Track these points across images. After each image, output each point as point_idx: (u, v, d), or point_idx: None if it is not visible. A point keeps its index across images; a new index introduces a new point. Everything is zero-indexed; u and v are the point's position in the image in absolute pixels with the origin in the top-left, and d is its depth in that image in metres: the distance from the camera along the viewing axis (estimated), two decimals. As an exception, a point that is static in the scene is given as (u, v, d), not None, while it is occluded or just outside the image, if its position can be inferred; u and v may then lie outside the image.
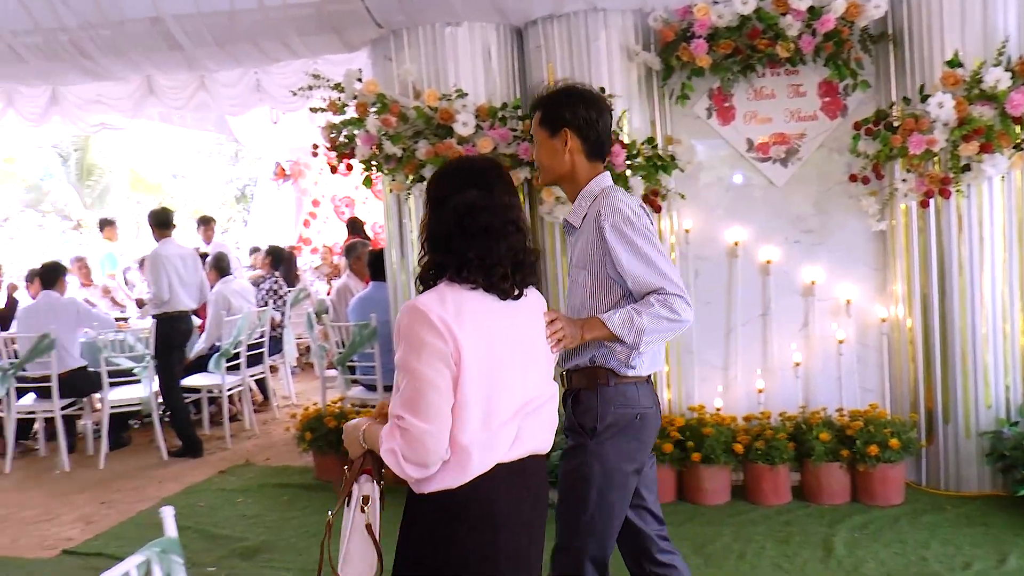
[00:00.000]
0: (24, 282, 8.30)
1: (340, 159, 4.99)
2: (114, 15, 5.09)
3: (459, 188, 1.99)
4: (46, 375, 6.19)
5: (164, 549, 1.85)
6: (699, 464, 4.68)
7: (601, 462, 2.51)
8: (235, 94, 7.35)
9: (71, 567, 4.35)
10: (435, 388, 1.84)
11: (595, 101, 2.65)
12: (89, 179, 19.01)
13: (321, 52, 5.49)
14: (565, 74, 4.85)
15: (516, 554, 1.99)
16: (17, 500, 5.58)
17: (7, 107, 7.61)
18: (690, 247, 5.09)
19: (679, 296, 2.45)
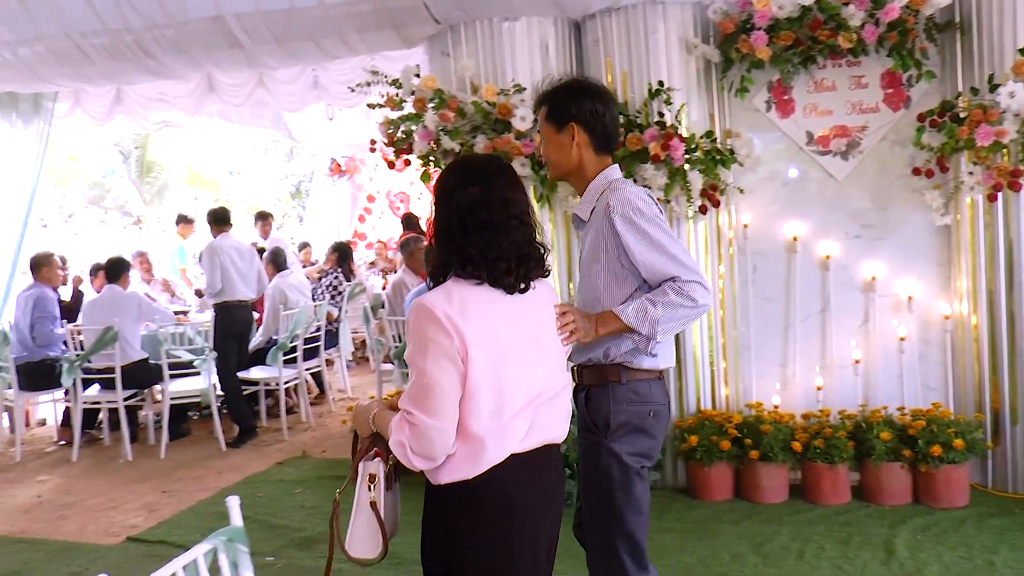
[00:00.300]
0: (88, 276, 8.52)
1: (398, 155, 5.02)
2: (177, 15, 5.19)
3: (461, 185, 2.02)
4: (110, 367, 6.35)
5: (230, 538, 1.88)
6: (757, 462, 4.62)
7: (619, 460, 2.51)
8: (293, 91, 7.45)
9: (136, 554, 4.46)
10: (440, 386, 1.88)
11: (601, 94, 2.64)
12: (149, 176, 19.46)
13: (379, 48, 5.52)
14: (623, 68, 4.82)
15: (532, 544, 2.02)
16: (84, 488, 5.74)
17: (75, 106, 7.82)
18: (748, 242, 5.03)
19: (695, 282, 2.41)
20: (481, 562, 1.96)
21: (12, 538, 4.81)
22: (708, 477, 4.72)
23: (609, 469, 2.51)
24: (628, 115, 4.76)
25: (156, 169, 19.56)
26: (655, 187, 4.63)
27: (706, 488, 4.74)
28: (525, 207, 2.05)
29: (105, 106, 7.78)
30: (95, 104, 7.77)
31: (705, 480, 4.73)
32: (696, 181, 4.67)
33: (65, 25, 5.41)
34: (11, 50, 5.71)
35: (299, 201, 20.66)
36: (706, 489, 4.74)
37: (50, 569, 4.30)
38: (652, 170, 4.61)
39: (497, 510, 1.95)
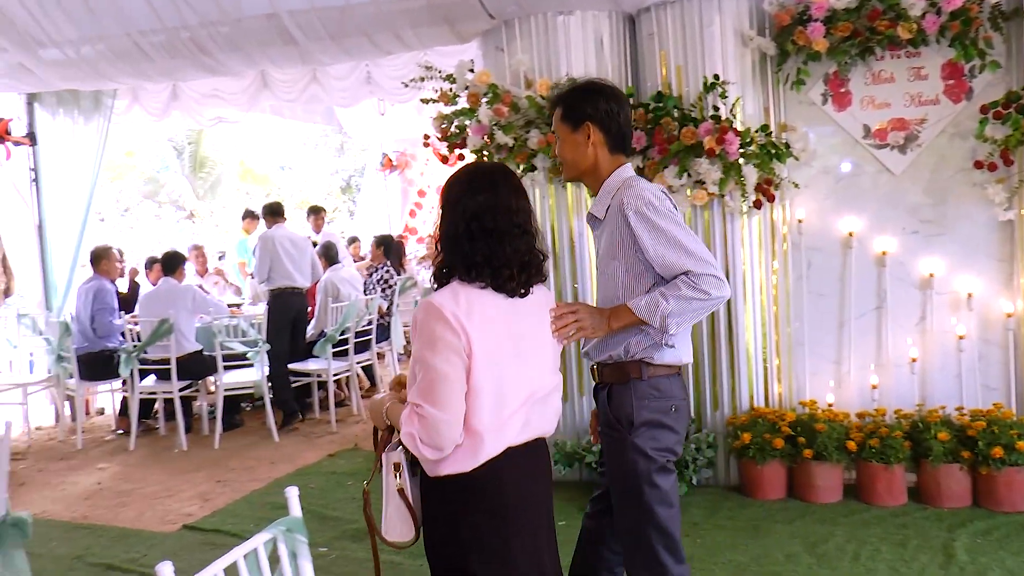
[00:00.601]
0: (144, 269, 8.70)
1: (451, 149, 5.04)
2: (233, 12, 5.27)
3: (469, 193, 2.09)
4: (165, 358, 6.48)
5: (289, 528, 1.91)
6: (810, 461, 4.56)
7: (644, 455, 2.55)
8: (346, 86, 7.52)
9: (191, 541, 4.54)
10: (448, 379, 1.96)
11: (615, 95, 2.67)
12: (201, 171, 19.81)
13: (433, 44, 5.54)
14: (678, 61, 4.78)
15: (528, 533, 2.10)
16: (141, 476, 5.87)
17: (133, 103, 7.99)
18: (803, 237, 4.95)
19: (708, 275, 2.43)
20: (481, 551, 2.04)
21: (74, 523, 4.94)
22: (761, 475, 4.67)
23: (635, 465, 2.55)
24: (683, 109, 4.71)
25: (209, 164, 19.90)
26: (709, 181, 4.59)
27: (759, 486, 4.69)
28: (528, 215, 2.13)
29: (162, 102, 7.94)
30: (152, 100, 7.93)
31: (758, 478, 4.68)
32: (751, 175, 4.61)
33: (126, 24, 5.53)
34: (75, 49, 5.85)
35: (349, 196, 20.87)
36: (759, 487, 4.69)
37: (110, 554, 4.40)
38: (706, 164, 4.57)
39: (495, 500, 2.04)
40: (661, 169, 4.69)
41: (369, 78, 7.40)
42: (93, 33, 5.67)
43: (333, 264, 7.57)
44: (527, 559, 2.10)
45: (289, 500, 1.98)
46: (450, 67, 4.93)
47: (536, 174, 4.85)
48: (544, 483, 2.21)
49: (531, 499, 2.13)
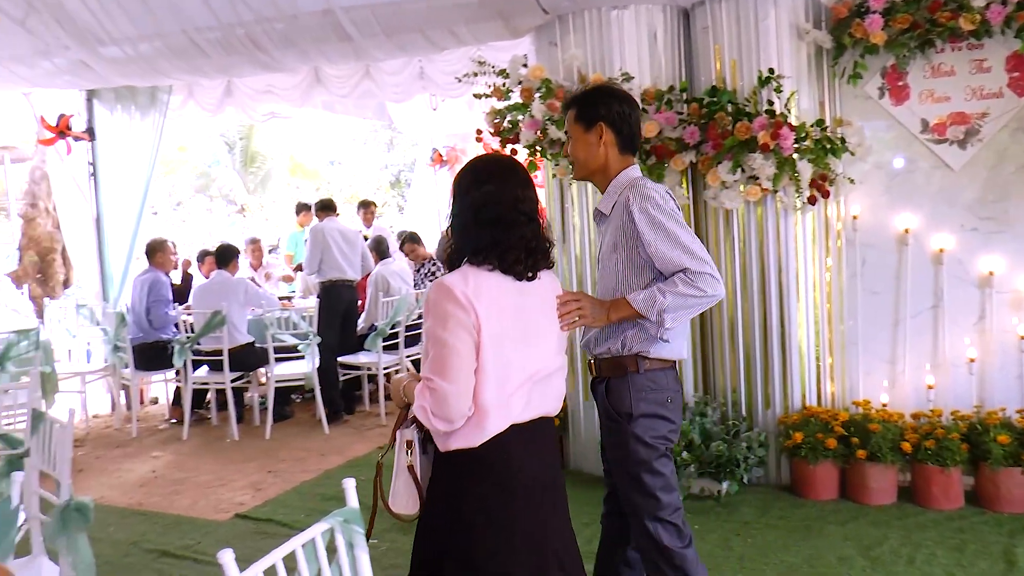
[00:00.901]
0: (196, 261, 8.85)
1: (504, 144, 5.05)
2: (288, 9, 5.32)
3: (476, 183, 2.23)
4: (218, 349, 6.59)
5: (346, 519, 1.93)
6: (864, 462, 4.49)
7: (644, 443, 2.69)
8: (399, 82, 7.56)
9: (243, 530, 4.62)
10: (458, 354, 2.06)
11: (626, 98, 2.81)
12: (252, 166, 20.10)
13: (486, 39, 5.54)
14: (732, 55, 4.72)
15: (531, 507, 2.18)
16: (194, 465, 5.98)
17: (188, 99, 8.12)
18: (857, 234, 4.88)
19: (705, 273, 2.56)
20: (487, 524, 2.12)
21: (130, 510, 5.05)
22: (813, 475, 4.61)
23: (636, 454, 2.69)
24: (737, 103, 4.66)
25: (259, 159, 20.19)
26: (763, 177, 4.53)
27: (811, 486, 4.63)
28: (534, 205, 2.24)
29: (216, 98, 8.05)
30: (207, 96, 8.05)
31: (810, 478, 4.62)
32: (805, 171, 4.55)
33: (183, 21, 5.62)
34: (133, 46, 5.96)
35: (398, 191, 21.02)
36: (811, 487, 4.62)
37: (165, 541, 4.49)
38: (760, 159, 4.51)
39: (500, 475, 2.13)
40: (715, 164, 4.64)
41: (422, 73, 7.43)
42: (151, 30, 5.77)
43: (384, 258, 7.64)
44: (532, 534, 2.17)
45: (346, 491, 2.01)
46: (503, 62, 4.93)
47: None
48: (551, 461, 2.30)
49: (538, 475, 2.21)
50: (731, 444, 4.65)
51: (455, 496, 2.16)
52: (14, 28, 5.78)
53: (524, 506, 2.16)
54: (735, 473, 4.61)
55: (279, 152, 20.75)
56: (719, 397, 5.03)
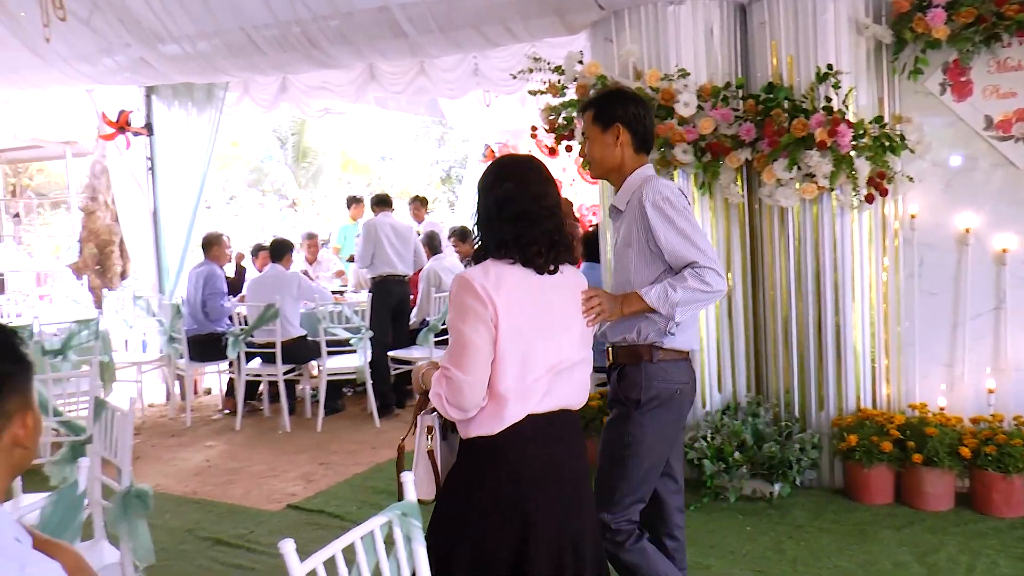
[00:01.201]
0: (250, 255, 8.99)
1: (558, 141, 5.04)
2: (343, 6, 5.37)
3: (498, 181, 2.31)
4: (270, 342, 6.68)
5: (404, 512, 1.94)
6: (920, 466, 4.40)
7: (642, 431, 2.79)
8: (453, 78, 7.59)
9: (296, 520, 4.68)
10: (475, 346, 2.14)
11: (641, 100, 2.96)
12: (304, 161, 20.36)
13: (542, 35, 5.54)
14: (790, 51, 4.66)
15: (547, 497, 2.21)
16: (247, 456, 6.08)
17: (243, 95, 8.25)
18: (915, 233, 4.78)
19: (711, 268, 2.67)
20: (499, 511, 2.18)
21: (185, 498, 5.15)
22: (867, 479, 4.53)
23: (631, 437, 2.79)
24: (794, 100, 4.60)
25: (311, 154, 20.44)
26: (820, 175, 4.46)
27: (865, 490, 4.55)
28: (555, 200, 2.31)
29: (271, 94, 8.16)
30: (262, 92, 8.16)
31: (864, 482, 4.54)
32: (863, 169, 4.47)
33: (240, 19, 5.70)
34: (191, 44, 6.07)
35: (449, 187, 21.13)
36: (865, 491, 4.55)
37: (220, 529, 4.57)
38: (817, 157, 4.45)
39: (516, 463, 2.18)
40: (770, 162, 4.58)
41: (476, 70, 7.46)
42: (209, 28, 5.87)
43: (436, 253, 7.68)
44: (548, 526, 2.20)
45: (404, 485, 2.02)
46: (558, 58, 4.93)
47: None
48: (573, 453, 2.33)
49: (556, 466, 2.25)
50: (784, 445, 4.60)
51: (473, 484, 2.23)
52: (80, 27, 5.92)
53: (540, 497, 2.19)
54: (788, 475, 4.55)
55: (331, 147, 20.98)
56: (772, 398, 4.97)
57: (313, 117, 10.08)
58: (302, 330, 6.96)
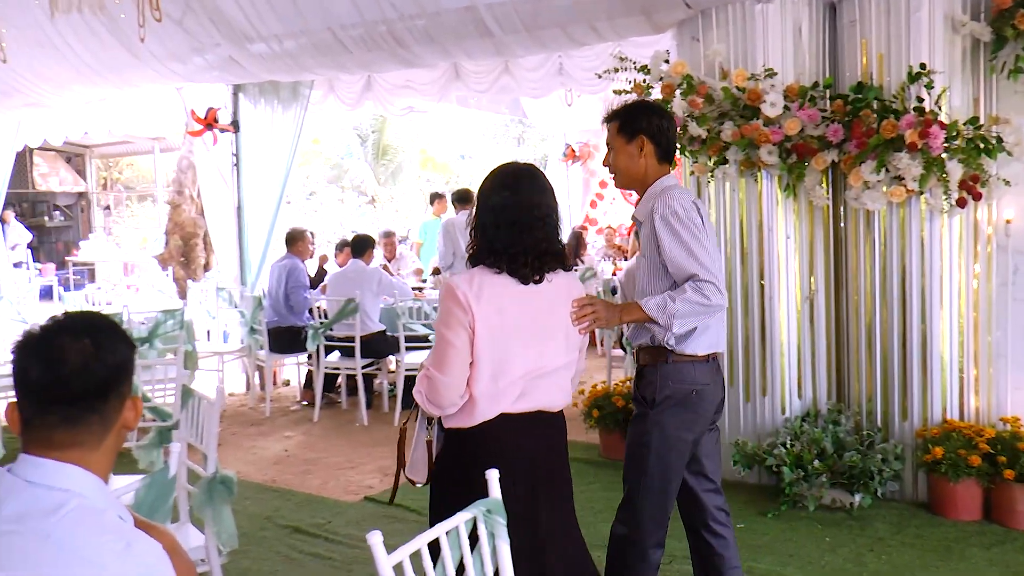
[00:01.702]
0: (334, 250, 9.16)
1: (643, 141, 5.00)
2: (430, 6, 5.42)
3: (495, 189, 2.43)
4: (350, 336, 6.80)
5: (489, 509, 1.96)
6: (1012, 483, 4.23)
7: (660, 430, 2.87)
8: (537, 78, 7.62)
9: (372, 512, 4.76)
10: (455, 349, 2.31)
11: (664, 112, 3.05)
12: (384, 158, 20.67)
13: (627, 35, 5.50)
14: (880, 50, 4.54)
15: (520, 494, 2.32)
16: (324, 447, 6.19)
17: (328, 93, 8.41)
18: (1010, 240, 4.60)
19: (711, 283, 2.73)
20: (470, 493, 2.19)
21: (264, 486, 5.28)
22: (953, 494, 4.38)
23: (649, 437, 2.88)
24: (883, 100, 4.48)
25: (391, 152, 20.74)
26: (909, 178, 4.34)
27: (951, 505, 4.40)
28: (549, 210, 2.43)
29: (356, 93, 8.30)
30: (347, 91, 8.31)
31: (950, 497, 4.40)
32: (955, 172, 4.33)
33: (327, 18, 5.81)
34: (279, 43, 6.21)
35: (527, 186, 21.13)
36: (951, 506, 4.40)
37: (297, 518, 4.68)
38: (907, 159, 4.32)
39: (489, 456, 2.28)
40: (858, 164, 4.47)
41: (561, 69, 7.47)
42: (297, 28, 6.00)
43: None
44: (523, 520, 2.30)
45: (489, 482, 2.04)
46: (643, 58, 4.89)
47: (728, 167, 4.73)
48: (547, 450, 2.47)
49: (530, 465, 2.39)
50: (865, 455, 4.48)
51: (449, 470, 2.45)
52: (173, 27, 6.12)
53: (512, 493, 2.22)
54: (869, 486, 4.44)
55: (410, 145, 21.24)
56: (853, 405, 4.86)
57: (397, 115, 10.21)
58: (381, 325, 7.06)
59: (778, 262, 4.86)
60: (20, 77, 7.36)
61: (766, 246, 4.85)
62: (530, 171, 2.52)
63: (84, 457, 1.47)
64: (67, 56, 6.89)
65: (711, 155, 4.75)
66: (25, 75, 7.32)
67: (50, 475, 1.44)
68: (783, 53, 4.73)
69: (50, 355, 1.45)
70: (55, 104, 8.22)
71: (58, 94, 7.76)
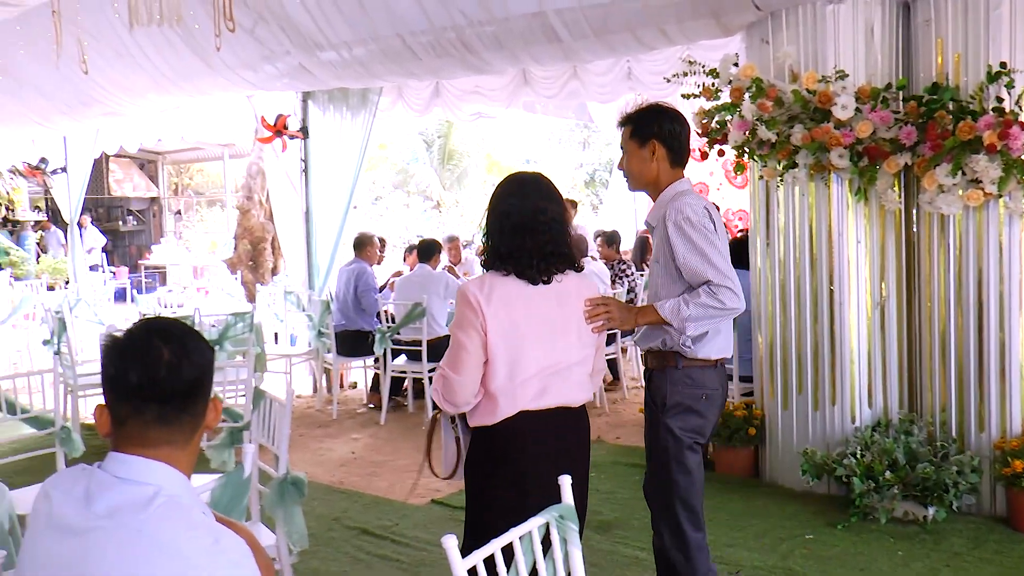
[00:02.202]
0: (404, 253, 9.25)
1: (710, 144, 4.97)
2: (499, 12, 5.44)
3: (503, 196, 2.59)
4: (416, 340, 6.86)
5: (561, 515, 1.97)
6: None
7: (673, 435, 2.96)
8: (606, 82, 7.62)
9: (439, 515, 4.80)
10: (467, 350, 2.45)
11: (678, 117, 3.09)
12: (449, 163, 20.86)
13: (697, 38, 5.46)
14: (957, 49, 4.42)
15: (541, 484, 2.37)
16: (391, 449, 6.27)
17: (397, 99, 8.53)
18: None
19: (725, 287, 2.81)
20: (497, 492, 2.52)
21: (332, 487, 5.36)
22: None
23: (665, 442, 2.97)
24: (960, 101, 4.36)
25: (457, 157, 20.93)
26: (987, 181, 4.22)
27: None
28: (555, 215, 2.55)
29: (424, 99, 8.39)
30: (415, 97, 8.41)
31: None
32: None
33: (397, 25, 5.88)
34: (348, 50, 6.31)
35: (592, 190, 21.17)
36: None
37: (365, 519, 4.74)
38: (985, 161, 4.20)
39: (510, 452, 2.49)
40: (932, 167, 4.36)
41: (630, 73, 7.45)
42: (366, 35, 6.08)
43: (582, 257, 7.68)
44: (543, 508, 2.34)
45: (563, 487, 2.06)
46: (710, 61, 4.85)
47: (797, 171, 4.65)
48: (569, 446, 2.60)
49: (550, 461, 2.47)
50: (939, 467, 4.36)
51: (480, 465, 2.59)
52: (244, 37, 6.27)
53: (534, 489, 2.43)
54: (943, 499, 4.32)
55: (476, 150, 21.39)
56: (926, 415, 4.73)
57: (466, 121, 10.29)
58: (447, 330, 7.11)
59: (848, 268, 4.76)
60: (99, 87, 7.63)
61: (836, 251, 4.77)
62: (536, 179, 2.65)
63: (172, 455, 1.53)
64: (144, 66, 7.12)
65: (780, 159, 4.68)
66: (104, 85, 7.59)
67: (139, 471, 1.49)
68: (855, 54, 4.64)
69: (146, 358, 1.51)
70: (131, 113, 8.50)
71: (134, 103, 8.02)
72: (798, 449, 4.81)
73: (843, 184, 4.72)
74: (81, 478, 1.52)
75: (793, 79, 4.67)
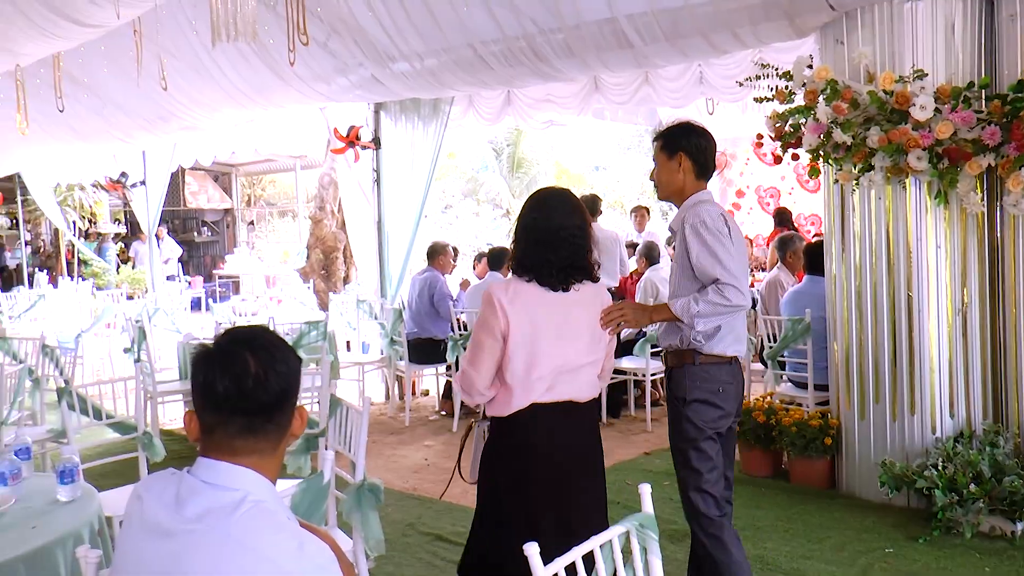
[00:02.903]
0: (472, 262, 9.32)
1: (784, 148, 4.90)
2: (570, 19, 5.46)
3: (528, 212, 2.82)
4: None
5: (642, 523, 1.97)
6: None
7: (693, 425, 3.16)
8: (677, 87, 7.57)
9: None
10: (486, 348, 2.69)
11: (704, 133, 3.31)
12: (518, 171, 20.93)
13: (769, 40, 5.39)
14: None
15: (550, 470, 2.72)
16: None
17: (468, 108, 8.61)
18: None
19: (731, 285, 3.00)
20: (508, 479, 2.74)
21: (405, 493, 5.42)
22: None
23: (687, 432, 3.18)
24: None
25: (526, 165, 20.98)
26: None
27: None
28: (576, 231, 2.75)
29: (496, 108, 8.44)
30: (487, 106, 8.46)
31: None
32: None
33: (468, 35, 5.95)
34: (420, 61, 6.40)
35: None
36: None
37: (439, 525, 4.79)
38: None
39: (521, 441, 2.72)
40: (1017, 168, 4.22)
41: (702, 78, 7.39)
42: (438, 45, 6.16)
43: (653, 264, 7.59)
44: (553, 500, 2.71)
45: (642, 497, 2.08)
46: (783, 64, 4.79)
47: (874, 174, 4.54)
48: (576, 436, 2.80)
49: (561, 449, 2.74)
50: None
51: (491, 455, 2.82)
52: (318, 50, 6.41)
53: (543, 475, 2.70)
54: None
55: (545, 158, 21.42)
56: (1012, 427, 4.58)
57: (537, 129, 10.34)
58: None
59: (927, 273, 4.64)
60: (177, 103, 7.89)
61: (915, 256, 4.65)
62: (560, 195, 2.88)
63: (259, 462, 1.58)
64: (220, 81, 7.34)
65: (856, 162, 4.58)
66: (182, 101, 7.84)
67: (226, 476, 1.54)
68: (934, 53, 4.53)
69: (234, 369, 1.56)
70: (207, 126, 8.77)
71: (210, 117, 8.27)
72: (876, 460, 4.70)
73: (921, 187, 4.60)
74: (171, 482, 1.57)
75: (869, 80, 4.57)
